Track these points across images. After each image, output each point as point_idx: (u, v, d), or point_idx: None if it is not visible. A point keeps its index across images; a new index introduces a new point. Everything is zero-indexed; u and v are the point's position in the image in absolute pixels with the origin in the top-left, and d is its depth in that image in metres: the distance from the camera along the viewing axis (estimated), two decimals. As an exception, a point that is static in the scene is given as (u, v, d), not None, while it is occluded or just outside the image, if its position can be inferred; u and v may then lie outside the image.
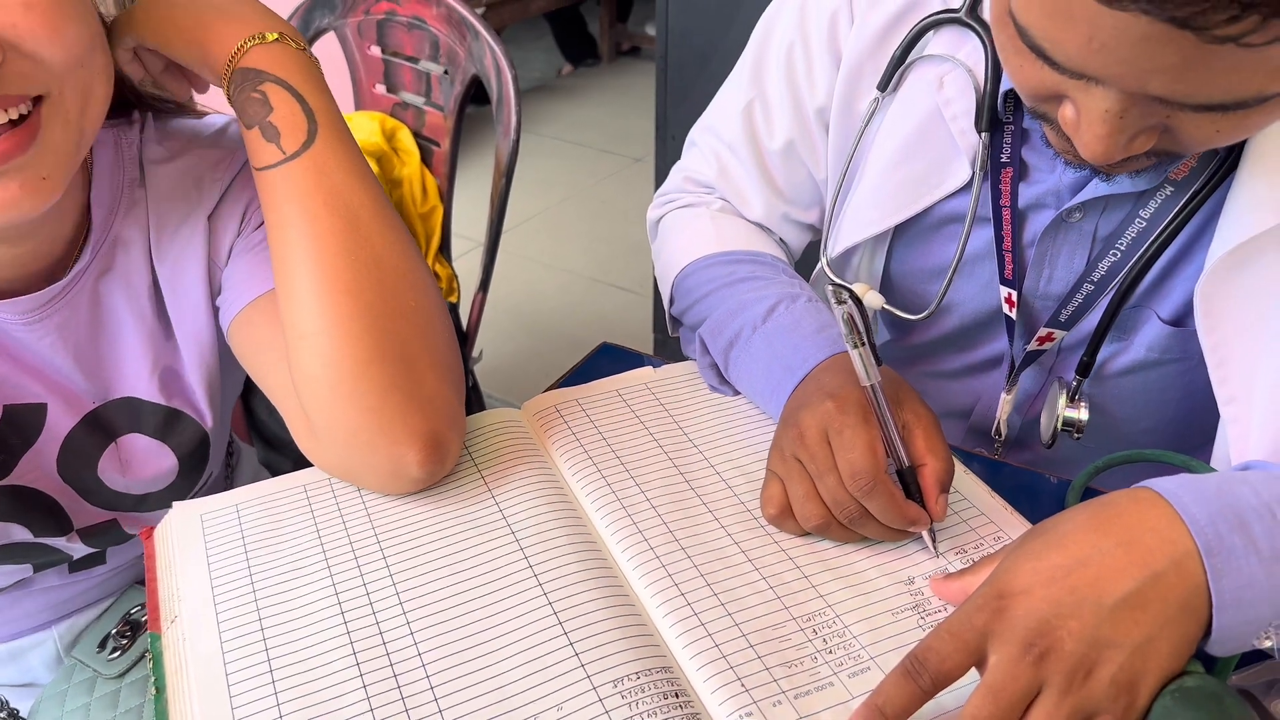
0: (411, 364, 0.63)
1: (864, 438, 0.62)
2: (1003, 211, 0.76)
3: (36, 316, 0.68)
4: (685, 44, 1.71)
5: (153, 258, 0.71)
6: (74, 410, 0.72)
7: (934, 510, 0.63)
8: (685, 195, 0.92)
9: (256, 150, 0.64)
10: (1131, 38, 0.48)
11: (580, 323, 2.45)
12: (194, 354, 0.74)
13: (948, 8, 0.75)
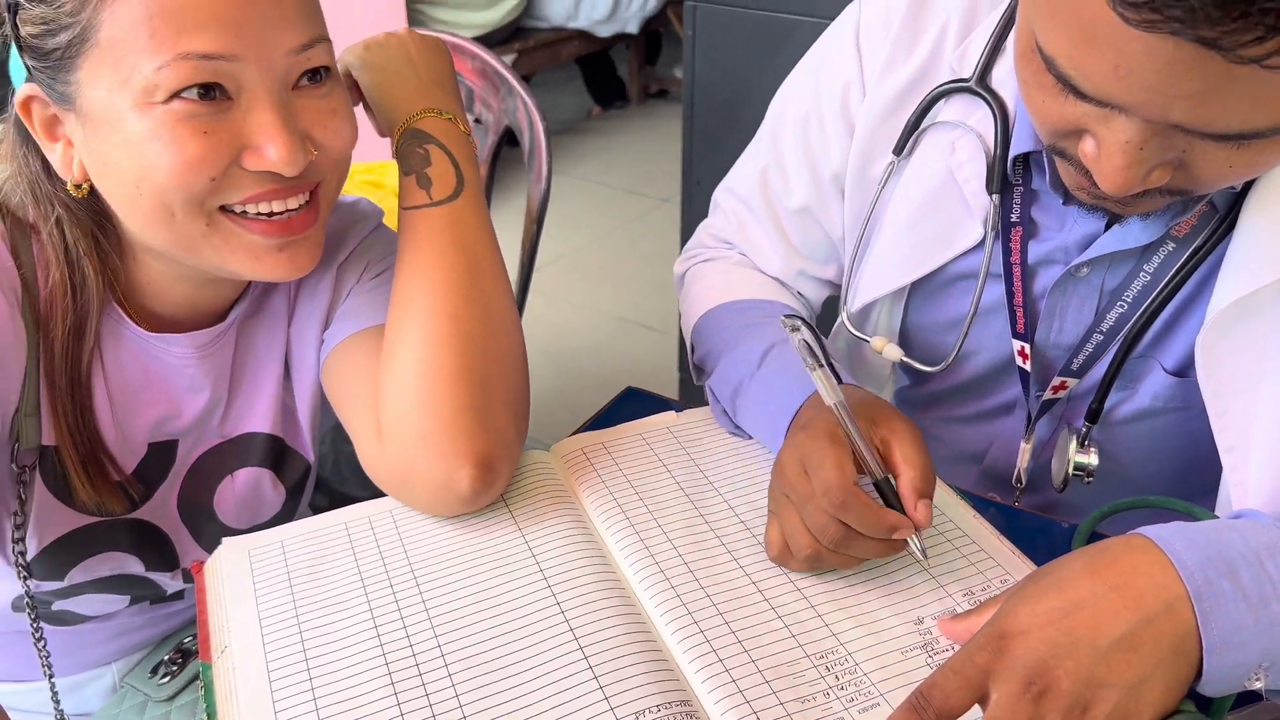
0: (488, 394, 0.70)
1: (831, 456, 0.63)
2: (1013, 268, 0.79)
3: (205, 352, 0.76)
4: (711, 93, 1.76)
5: (292, 306, 0.81)
6: (201, 445, 0.79)
7: (915, 516, 0.63)
8: (707, 251, 0.97)
9: (409, 192, 0.74)
10: (1158, 62, 0.50)
11: (606, 361, 2.49)
12: (305, 391, 0.82)
13: (957, 78, 0.79)
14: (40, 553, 0.75)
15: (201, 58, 0.60)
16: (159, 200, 0.63)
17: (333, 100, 0.68)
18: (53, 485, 0.73)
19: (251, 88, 0.62)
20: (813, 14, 1.58)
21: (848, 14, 0.86)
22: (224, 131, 0.62)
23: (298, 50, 0.64)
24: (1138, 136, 0.56)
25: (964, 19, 0.79)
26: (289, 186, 0.66)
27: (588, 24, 3.52)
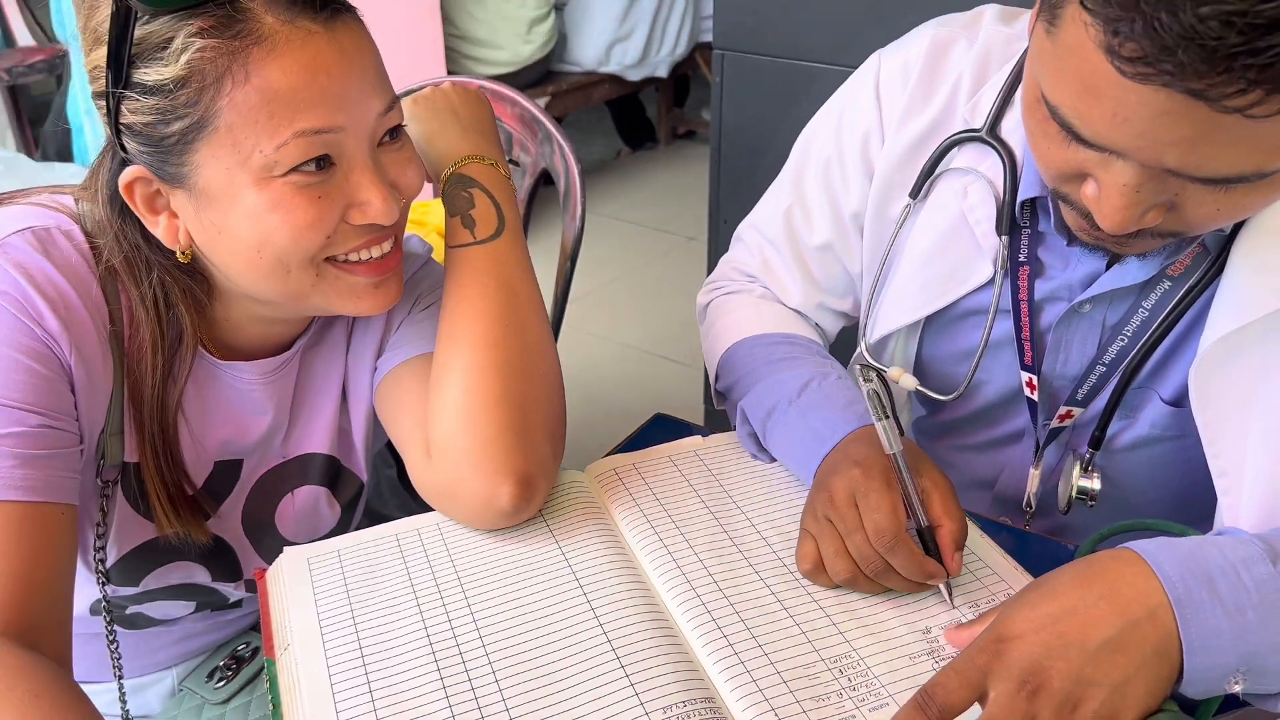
0: (527, 416, 0.76)
1: (887, 500, 0.70)
2: (1021, 304, 0.85)
3: (270, 377, 0.82)
4: (737, 136, 1.84)
5: (350, 336, 0.87)
6: (264, 464, 0.86)
7: (950, 566, 0.71)
8: (731, 284, 1.03)
9: (454, 232, 0.81)
10: (1151, 111, 0.56)
11: (634, 393, 2.55)
12: (360, 415, 0.88)
13: (969, 128, 0.85)
14: (118, 561, 0.81)
15: (314, 134, 0.66)
16: (278, 260, 0.70)
17: (407, 150, 0.75)
18: (132, 499, 0.80)
19: (351, 153, 0.69)
20: (833, 62, 1.65)
21: (868, 66, 0.92)
22: (334, 194, 0.69)
23: (383, 114, 0.71)
24: (1134, 180, 0.61)
25: (976, 74, 0.86)
26: (384, 233, 0.74)
27: (619, 68, 3.62)
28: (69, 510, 0.69)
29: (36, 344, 0.69)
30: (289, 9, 0.66)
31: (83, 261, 0.73)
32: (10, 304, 0.68)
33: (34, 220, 0.72)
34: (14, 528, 0.65)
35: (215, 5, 0.64)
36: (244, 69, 0.64)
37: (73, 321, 0.70)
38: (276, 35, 0.65)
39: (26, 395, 0.67)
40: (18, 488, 0.66)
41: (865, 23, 1.62)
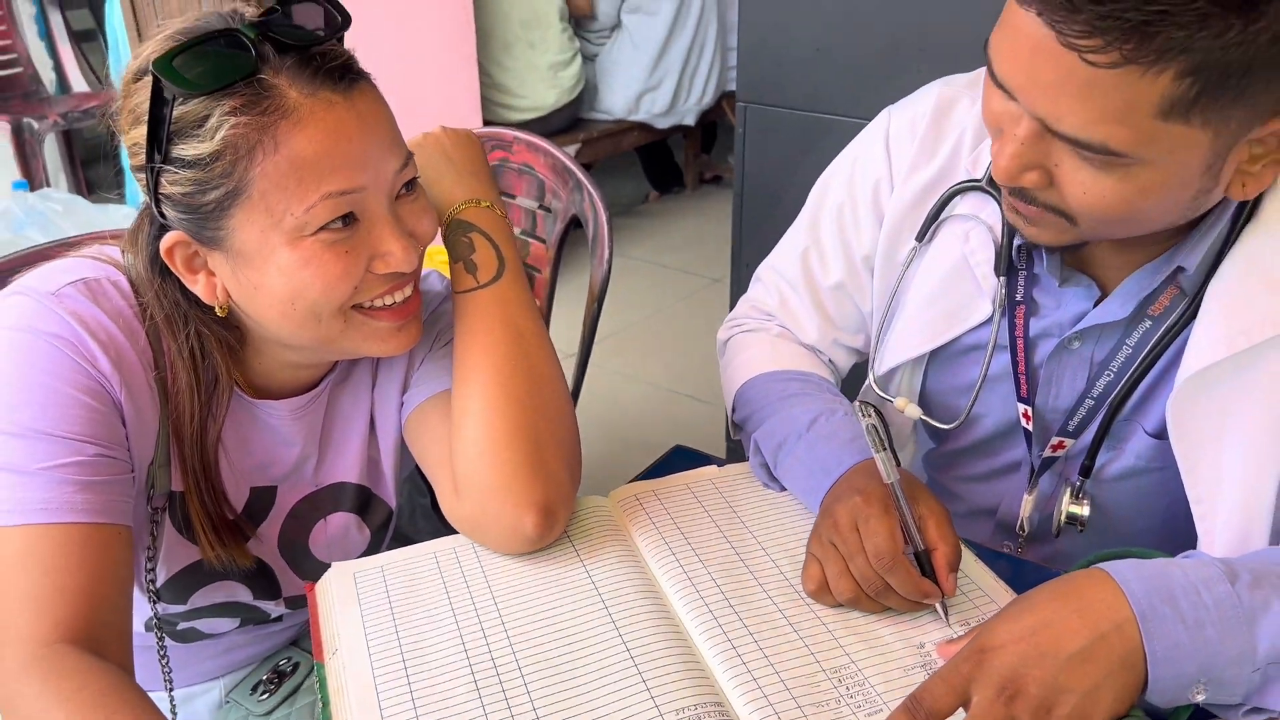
0: (542, 447, 0.82)
1: (886, 525, 0.76)
2: (1017, 341, 0.92)
3: (300, 413, 0.89)
4: (758, 184, 1.92)
5: (375, 373, 0.93)
6: (297, 492, 0.92)
7: (945, 586, 0.76)
8: (750, 321, 1.10)
9: (459, 278, 0.87)
10: (1030, 44, 0.67)
11: (657, 429, 2.62)
12: (388, 446, 0.94)
13: (971, 178, 0.92)
14: (167, 581, 0.88)
15: (340, 195, 0.73)
16: (310, 311, 0.77)
17: (421, 200, 0.81)
18: (178, 525, 0.87)
19: (373, 208, 0.76)
20: (849, 114, 1.74)
21: (879, 122, 1.00)
22: (359, 248, 0.76)
23: (399, 170, 0.77)
24: (1024, 133, 0.71)
25: (977, 130, 0.93)
26: (406, 279, 0.80)
27: (647, 117, 3.73)
28: (125, 531, 0.76)
29: (91, 382, 0.75)
30: (311, 82, 0.72)
31: (129, 309, 0.79)
32: (67, 347, 0.75)
33: (85, 272, 0.79)
34: (77, 547, 0.72)
35: (244, 85, 0.71)
36: (273, 140, 0.70)
37: (122, 363, 0.77)
38: (301, 108, 0.71)
39: (84, 428, 0.74)
40: (79, 510, 0.73)
41: (878, 78, 1.70)
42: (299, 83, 0.72)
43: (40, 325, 0.75)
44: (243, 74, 0.70)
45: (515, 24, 3.29)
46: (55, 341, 0.74)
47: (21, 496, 0.72)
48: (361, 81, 0.75)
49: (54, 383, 0.74)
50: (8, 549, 0.71)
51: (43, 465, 0.72)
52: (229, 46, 0.71)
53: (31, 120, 3.65)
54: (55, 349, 0.74)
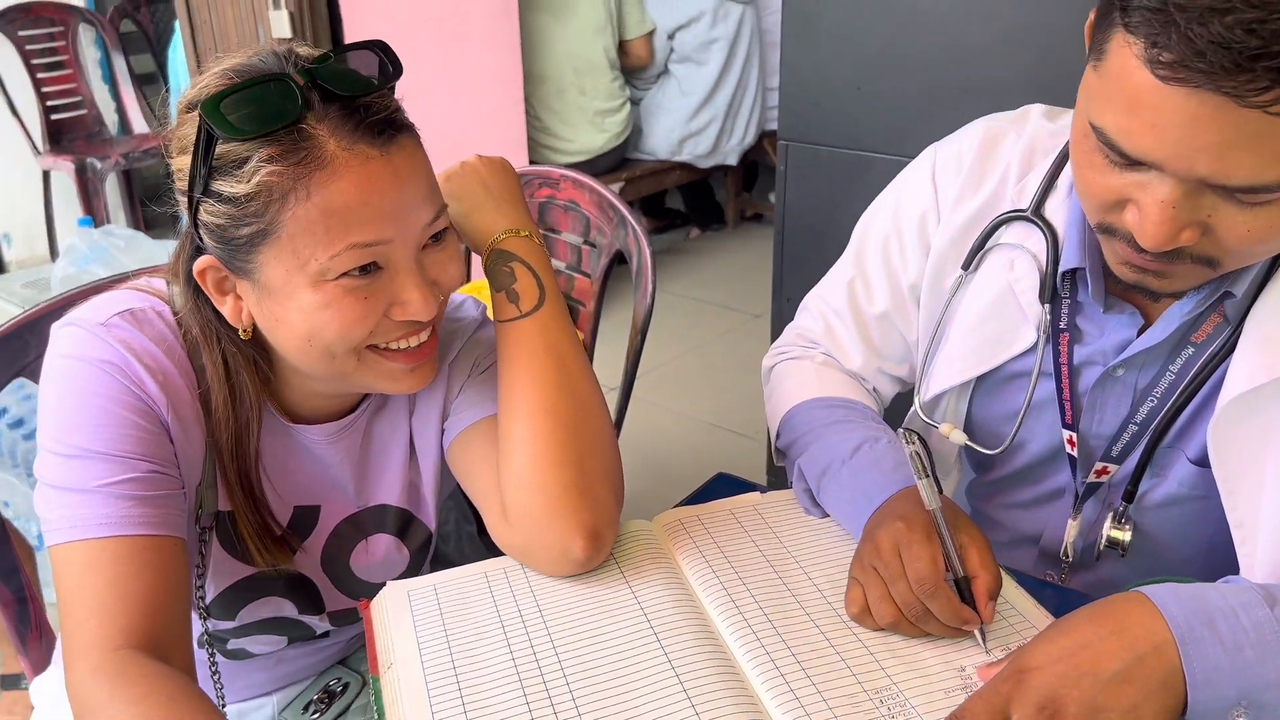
0: (587, 472, 0.85)
1: (928, 551, 0.78)
2: (1061, 368, 0.93)
3: (335, 439, 0.92)
4: (799, 221, 1.95)
5: (413, 400, 0.96)
6: (340, 512, 0.95)
7: (985, 614, 0.78)
8: (795, 349, 1.12)
9: (501, 307, 0.90)
10: (1185, 117, 0.66)
11: (699, 463, 2.63)
12: (429, 471, 0.97)
13: (1016, 208, 0.95)
14: (216, 597, 0.92)
15: (365, 246, 0.75)
16: (325, 350, 0.80)
17: (449, 249, 0.82)
18: (225, 543, 0.90)
19: (397, 259, 0.78)
20: (889, 152, 1.76)
21: (924, 156, 1.03)
22: (378, 295, 0.78)
23: (429, 223, 0.79)
24: (1171, 196, 0.71)
25: (1023, 163, 0.96)
26: (423, 325, 0.82)
27: (690, 157, 3.79)
28: (180, 543, 0.80)
29: (141, 404, 0.80)
30: (350, 135, 0.74)
31: (172, 336, 0.83)
32: (117, 372, 0.79)
33: (132, 303, 0.83)
34: (137, 557, 0.76)
35: (285, 131, 0.73)
36: (306, 188, 0.73)
37: (168, 387, 0.81)
38: (337, 160, 0.73)
39: (137, 447, 0.79)
40: (137, 524, 0.77)
41: (918, 116, 1.73)
42: (339, 134, 0.73)
43: (91, 353, 0.79)
44: (284, 122, 0.72)
45: (569, 70, 3.37)
46: (106, 367, 0.79)
47: (82, 514, 0.76)
48: (402, 135, 0.77)
49: (107, 405, 0.78)
50: (73, 563, 0.75)
51: (100, 483, 0.76)
52: (277, 92, 0.73)
53: (94, 160, 3.79)
54: (106, 374, 0.79)
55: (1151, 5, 0.65)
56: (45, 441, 0.79)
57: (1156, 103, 0.67)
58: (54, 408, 0.78)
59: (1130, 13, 0.67)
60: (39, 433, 0.80)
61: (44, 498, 0.78)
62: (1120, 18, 0.68)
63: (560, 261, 1.68)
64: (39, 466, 0.79)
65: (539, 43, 3.31)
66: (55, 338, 0.81)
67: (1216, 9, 0.62)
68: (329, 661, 1.07)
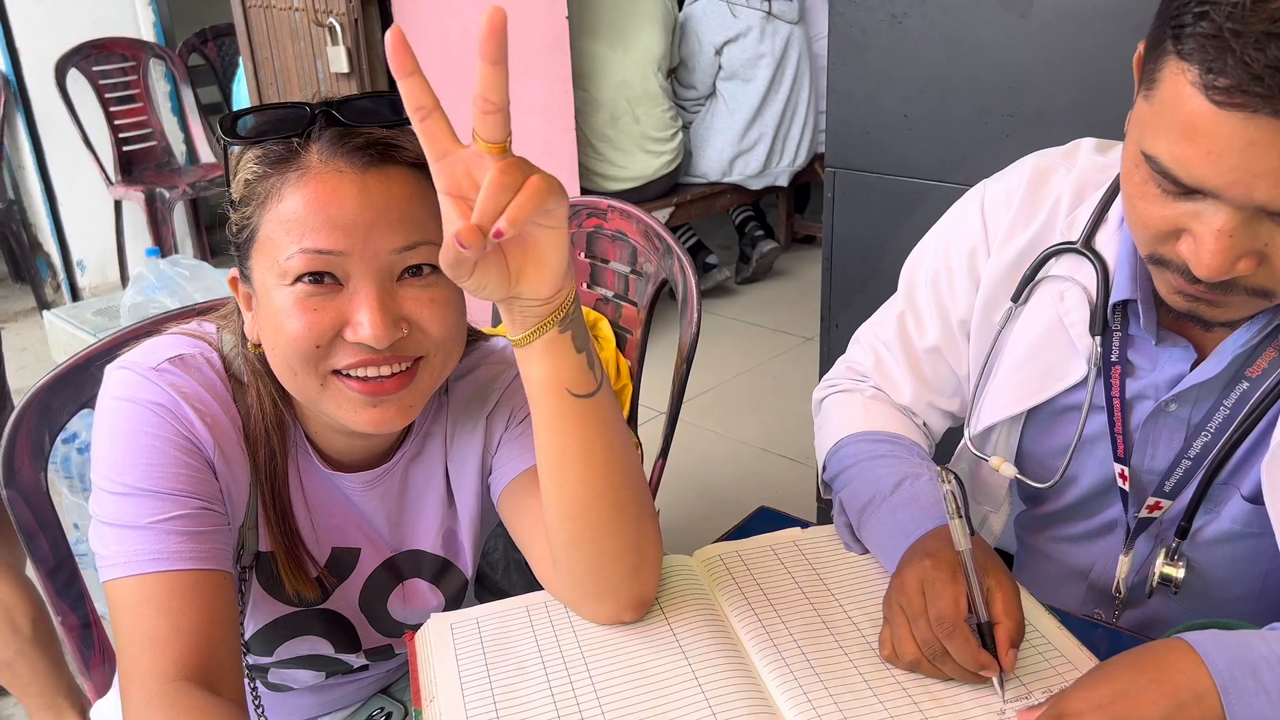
0: (638, 543, 0.83)
1: (950, 591, 0.77)
2: (1113, 401, 0.92)
3: (370, 485, 0.94)
4: (848, 247, 1.94)
5: (448, 448, 0.96)
6: (377, 556, 0.97)
7: (1004, 661, 0.76)
8: (845, 382, 1.12)
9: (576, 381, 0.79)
10: (1242, 142, 0.66)
11: (747, 489, 2.63)
12: (467, 519, 0.98)
13: (1066, 240, 0.94)
14: (255, 634, 0.94)
15: (315, 252, 0.76)
16: (284, 360, 0.80)
17: (433, 291, 0.79)
18: (265, 582, 0.93)
19: (357, 276, 0.77)
20: (937, 179, 1.76)
21: (973, 193, 1.03)
22: (330, 310, 0.77)
23: (399, 250, 0.77)
24: (1227, 224, 0.70)
25: (1073, 195, 0.96)
26: (382, 357, 0.79)
27: (740, 178, 3.80)
28: (229, 577, 0.83)
29: (189, 444, 0.83)
30: (332, 151, 0.77)
31: (219, 381, 0.86)
32: (166, 414, 0.82)
33: (182, 348, 0.86)
34: (188, 591, 0.79)
35: (281, 144, 0.77)
36: (280, 192, 0.77)
37: (216, 429, 0.84)
38: (311, 169, 0.76)
39: (187, 485, 0.81)
40: (187, 558, 0.79)
41: (966, 144, 1.72)
42: (324, 150, 0.77)
43: (142, 395, 0.82)
44: (280, 134, 0.77)
45: (623, 99, 3.41)
46: (156, 409, 0.82)
47: (134, 549, 0.79)
48: (389, 165, 0.78)
49: (157, 444, 0.81)
50: (127, 597, 0.78)
51: (151, 520, 0.79)
52: (286, 112, 0.78)
53: (163, 190, 3.92)
54: (156, 415, 0.82)
55: (1206, 31, 0.65)
56: (98, 480, 0.82)
57: (1212, 129, 0.66)
58: (106, 447, 0.82)
59: (1183, 40, 0.67)
60: (93, 471, 0.83)
61: (98, 534, 0.81)
62: (1173, 45, 0.68)
63: (608, 290, 1.70)
64: (93, 504, 0.82)
65: (595, 71, 3.35)
66: (108, 379, 0.85)
67: (1273, 34, 0.62)
68: (370, 690, 1.09)
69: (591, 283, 1.72)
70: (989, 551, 0.83)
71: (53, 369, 1.08)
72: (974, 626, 0.77)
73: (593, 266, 1.71)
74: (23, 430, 1.05)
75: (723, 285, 3.96)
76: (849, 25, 1.80)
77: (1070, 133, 1.04)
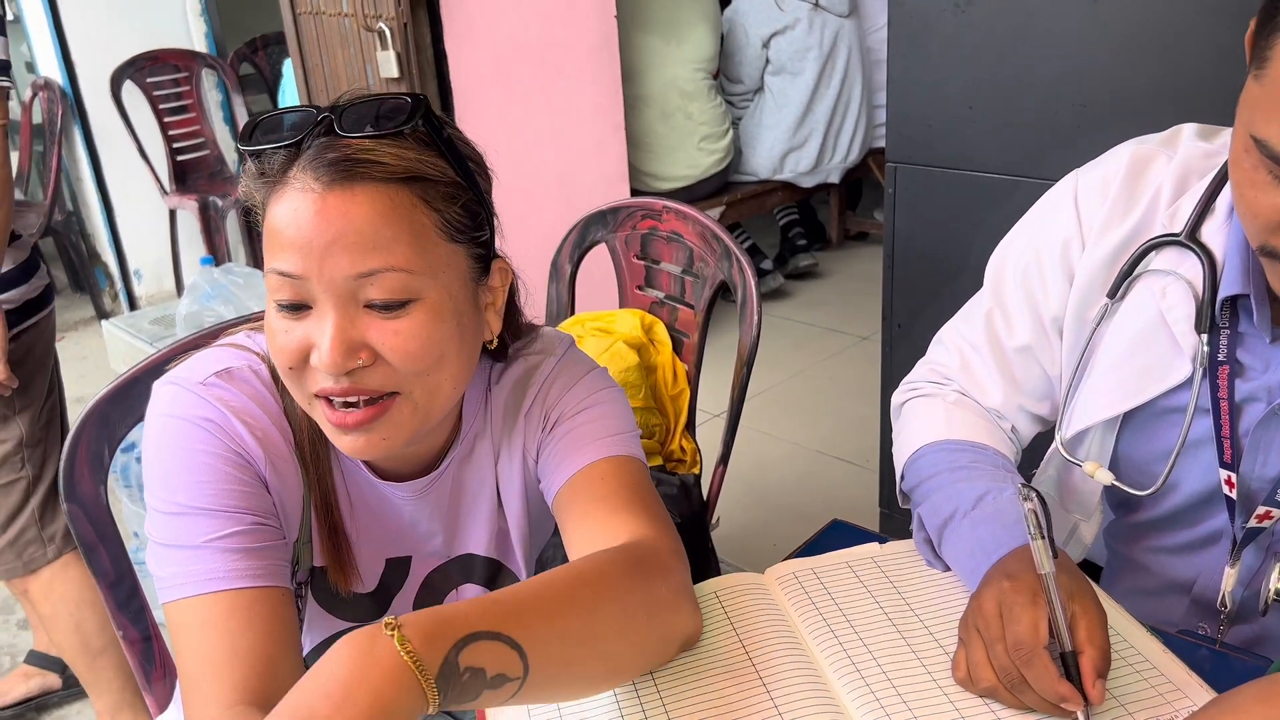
0: (655, 657, 0.78)
1: (1029, 615, 0.72)
2: (1220, 404, 0.87)
3: (421, 494, 0.91)
4: (909, 244, 1.89)
5: (496, 447, 0.94)
6: (430, 563, 0.95)
7: (1091, 694, 0.70)
8: (927, 386, 1.07)
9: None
10: None
11: (806, 494, 2.57)
12: (515, 518, 0.95)
13: (1169, 233, 0.89)
14: (311, 650, 0.92)
15: (279, 274, 0.74)
16: (280, 371, 0.78)
17: (398, 321, 0.74)
18: (320, 598, 0.91)
19: (320, 301, 0.74)
20: (1003, 172, 1.70)
21: (1065, 184, 0.97)
22: (298, 332, 0.75)
23: (355, 276, 0.73)
24: None
25: (1176, 185, 0.90)
26: (341, 387, 0.75)
27: (792, 175, 3.74)
28: (287, 593, 0.80)
29: (240, 460, 0.81)
30: (310, 164, 0.73)
31: (269, 393, 0.84)
32: (216, 430, 0.80)
33: (230, 361, 0.84)
34: (247, 611, 0.76)
35: (277, 151, 0.74)
36: (265, 203, 0.75)
37: (267, 443, 0.82)
38: (286, 184, 0.74)
39: (240, 501, 0.80)
40: (245, 576, 0.77)
41: (1034, 135, 1.66)
42: (304, 161, 0.74)
43: (191, 411, 0.81)
44: (271, 141, 0.74)
45: (675, 93, 3.37)
46: (206, 425, 0.80)
47: (190, 569, 0.77)
48: (359, 182, 0.73)
49: (208, 461, 0.79)
50: (185, 619, 0.77)
51: (206, 538, 0.78)
52: (293, 118, 0.75)
53: (216, 198, 3.96)
54: (206, 431, 0.80)
55: None
56: (151, 500, 0.80)
57: None
58: (157, 466, 0.80)
59: None
60: (146, 492, 0.81)
61: (155, 556, 0.79)
62: None
63: (664, 293, 1.67)
64: (149, 525, 0.81)
65: (646, 66, 3.32)
66: (156, 395, 0.83)
67: None
68: (426, 708, 1.06)
69: (645, 284, 1.69)
70: (1075, 575, 0.78)
71: (109, 383, 1.07)
72: (1056, 655, 0.72)
73: (647, 269, 1.67)
74: (82, 444, 1.05)
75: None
76: (910, 15, 1.75)
77: (1146, 123, 0.98)
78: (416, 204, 0.75)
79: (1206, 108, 1.49)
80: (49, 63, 3.91)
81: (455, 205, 0.78)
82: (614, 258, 1.71)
